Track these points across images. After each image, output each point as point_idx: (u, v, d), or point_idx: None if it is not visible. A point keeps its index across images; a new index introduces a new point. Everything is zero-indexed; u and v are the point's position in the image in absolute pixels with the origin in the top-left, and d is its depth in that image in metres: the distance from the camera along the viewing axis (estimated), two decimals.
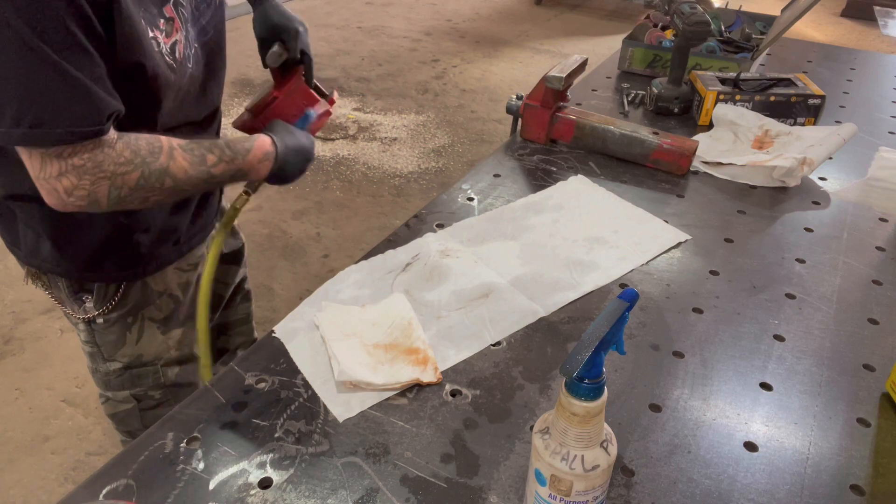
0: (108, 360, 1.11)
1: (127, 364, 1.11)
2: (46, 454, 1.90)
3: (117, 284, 1.05)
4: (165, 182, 0.86)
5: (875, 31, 5.56)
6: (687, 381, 0.85)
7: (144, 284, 1.07)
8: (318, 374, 0.84)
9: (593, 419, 0.57)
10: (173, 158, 0.86)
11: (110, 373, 1.12)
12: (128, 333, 1.09)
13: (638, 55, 1.78)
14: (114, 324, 1.07)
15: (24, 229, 1.00)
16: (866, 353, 0.91)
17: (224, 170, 0.92)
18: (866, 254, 1.11)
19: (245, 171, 0.96)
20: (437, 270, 1.02)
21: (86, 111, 0.76)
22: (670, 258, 1.08)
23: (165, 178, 0.85)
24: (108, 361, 1.11)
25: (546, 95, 1.34)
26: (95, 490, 0.69)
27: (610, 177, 1.30)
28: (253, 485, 0.70)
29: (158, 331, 1.12)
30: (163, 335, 1.12)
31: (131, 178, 0.82)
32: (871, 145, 1.42)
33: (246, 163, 0.95)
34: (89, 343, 1.10)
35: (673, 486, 0.72)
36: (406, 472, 0.72)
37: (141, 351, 1.11)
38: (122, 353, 1.11)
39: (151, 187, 0.85)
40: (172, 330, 1.13)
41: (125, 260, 1.03)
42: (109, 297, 1.05)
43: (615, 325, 0.55)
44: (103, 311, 1.05)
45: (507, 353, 0.89)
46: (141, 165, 0.83)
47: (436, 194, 1.35)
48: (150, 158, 0.84)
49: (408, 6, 5.89)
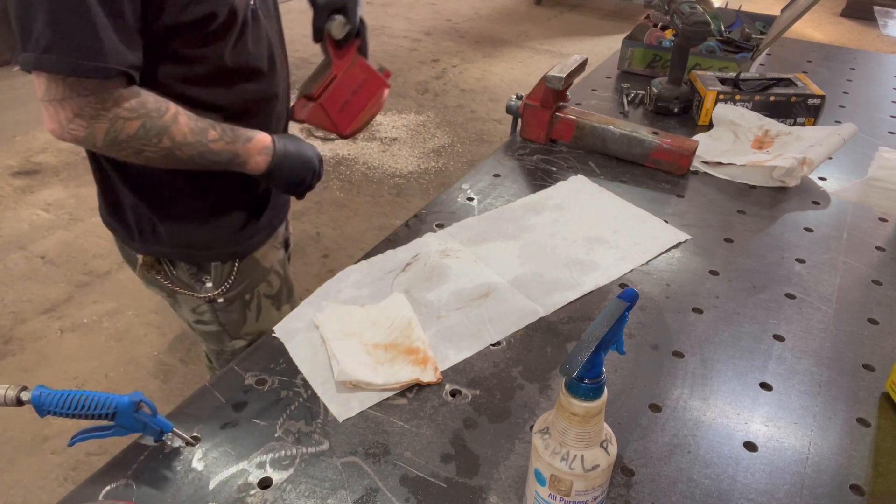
0: (234, 339, 1.19)
1: (251, 341, 1.15)
2: (46, 454, 1.90)
3: (232, 262, 1.12)
4: (163, 140, 0.88)
5: (875, 31, 5.56)
6: (687, 380, 0.85)
7: (255, 261, 1.14)
8: (318, 373, 0.84)
9: (593, 419, 0.57)
10: (177, 121, 0.89)
11: (236, 351, 1.19)
12: (247, 311, 1.17)
13: (638, 55, 1.78)
14: (233, 302, 1.15)
15: (137, 220, 1.05)
16: (866, 353, 0.91)
17: (222, 148, 0.94)
18: (866, 254, 1.11)
19: (243, 159, 0.97)
20: (437, 270, 1.02)
21: (97, 51, 0.78)
22: (670, 258, 1.08)
23: (164, 136, 0.88)
24: (235, 339, 1.20)
25: (546, 95, 1.34)
26: (95, 490, 0.69)
27: (610, 177, 1.30)
28: (253, 485, 0.70)
29: (273, 307, 1.20)
30: (277, 311, 1.20)
31: (132, 125, 0.85)
32: (870, 145, 1.42)
33: (245, 149, 0.96)
34: (214, 323, 1.17)
35: (673, 486, 0.72)
36: (406, 472, 0.72)
37: (262, 328, 1.18)
38: (246, 331, 1.18)
39: (149, 141, 0.87)
40: (283, 306, 1.21)
41: (234, 237, 1.09)
42: (226, 275, 1.12)
43: (615, 325, 0.55)
44: (223, 290, 1.12)
45: (507, 352, 0.89)
46: (144, 117, 0.86)
47: (435, 194, 1.35)
48: (155, 114, 0.87)
49: (408, 6, 5.89)
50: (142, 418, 0.70)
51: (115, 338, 2.34)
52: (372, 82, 1.10)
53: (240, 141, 0.96)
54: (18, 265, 2.66)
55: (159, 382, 2.18)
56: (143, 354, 2.28)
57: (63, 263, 2.67)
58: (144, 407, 0.70)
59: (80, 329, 2.36)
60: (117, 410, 0.68)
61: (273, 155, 1.00)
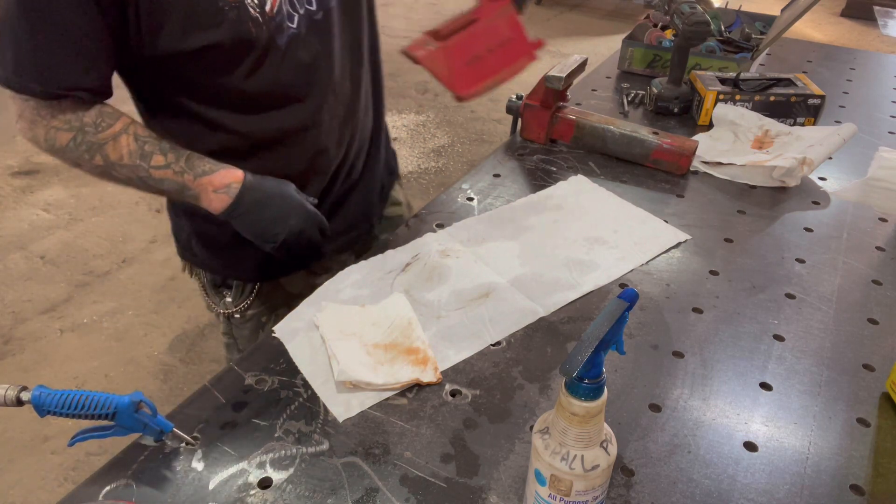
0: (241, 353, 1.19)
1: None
2: (46, 454, 1.90)
3: (253, 283, 1.11)
4: (95, 158, 0.87)
5: (875, 31, 5.56)
6: (687, 381, 0.85)
7: (279, 285, 1.13)
8: (318, 373, 0.84)
9: (593, 419, 0.57)
10: (116, 141, 0.87)
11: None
12: (261, 331, 1.15)
13: (638, 55, 1.78)
14: (249, 320, 1.15)
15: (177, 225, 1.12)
16: (866, 353, 0.91)
17: (166, 177, 0.89)
18: (866, 254, 1.11)
19: (194, 192, 0.90)
20: (437, 270, 1.02)
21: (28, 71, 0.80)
22: (670, 258, 1.08)
23: (97, 153, 0.87)
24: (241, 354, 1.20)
25: (546, 95, 1.34)
26: (95, 490, 0.69)
27: (610, 177, 1.30)
28: (253, 485, 0.70)
29: None
30: None
31: (63, 136, 0.86)
32: (870, 145, 1.42)
33: (198, 183, 0.90)
34: (227, 335, 1.19)
35: (673, 486, 0.72)
36: (406, 472, 0.72)
37: None
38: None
39: (80, 155, 0.87)
40: None
41: (262, 262, 1.07)
42: (246, 294, 1.12)
43: (615, 325, 0.55)
44: (240, 308, 1.13)
45: (507, 352, 0.89)
46: (76, 130, 0.85)
47: (435, 194, 1.35)
48: (90, 129, 0.86)
49: (408, 6, 5.89)
50: (142, 418, 0.70)
51: (115, 338, 2.34)
52: (516, 44, 0.89)
53: (192, 172, 0.89)
54: (18, 265, 2.66)
55: (159, 382, 2.18)
56: (143, 354, 2.28)
57: (63, 263, 2.67)
58: (144, 407, 0.70)
59: (80, 329, 2.36)
60: (117, 410, 0.68)
61: (236, 197, 0.90)
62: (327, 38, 0.96)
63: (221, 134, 0.94)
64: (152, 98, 0.95)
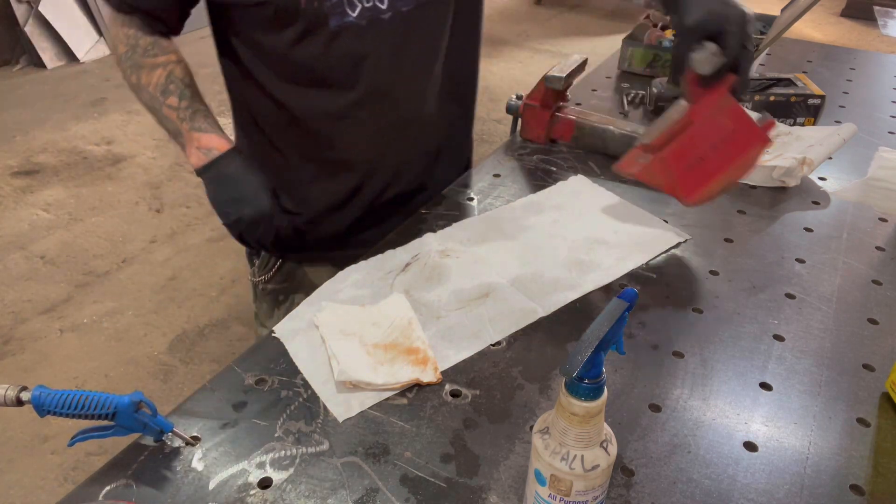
0: (262, 326, 1.27)
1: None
2: (46, 454, 1.90)
3: (276, 259, 1.18)
4: (133, 76, 0.99)
5: (875, 31, 5.56)
6: (687, 381, 0.85)
7: (300, 269, 1.18)
8: (318, 373, 0.84)
9: (593, 419, 0.57)
10: (153, 70, 0.97)
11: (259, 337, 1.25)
12: (276, 309, 1.21)
13: (638, 55, 1.78)
14: (268, 294, 1.22)
15: None
16: (866, 353, 0.91)
17: (170, 117, 0.97)
18: (866, 254, 1.11)
19: (183, 141, 0.98)
20: (437, 270, 1.02)
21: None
22: (670, 258, 1.08)
23: (135, 73, 0.99)
24: (262, 327, 1.29)
25: (546, 95, 1.34)
26: (95, 490, 0.69)
27: (610, 177, 1.30)
28: (253, 485, 0.70)
29: None
30: None
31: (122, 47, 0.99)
32: (871, 145, 1.42)
33: (189, 136, 0.97)
34: (255, 303, 1.27)
35: (673, 486, 0.72)
36: (406, 472, 0.72)
37: None
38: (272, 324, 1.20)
39: (126, 68, 1.00)
40: None
41: (288, 240, 1.09)
42: (269, 268, 1.19)
43: (615, 325, 0.55)
44: (262, 280, 1.19)
45: (507, 352, 0.89)
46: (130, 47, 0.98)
47: None
48: (140, 50, 0.98)
49: None
50: (142, 418, 0.70)
51: (115, 338, 2.34)
52: (743, 135, 0.80)
53: (190, 124, 0.96)
54: (18, 265, 2.66)
55: (159, 382, 2.18)
56: (143, 354, 2.28)
57: (63, 263, 2.67)
58: (144, 407, 0.70)
59: (79, 329, 2.36)
60: (117, 410, 0.68)
61: (209, 162, 0.95)
62: (389, 40, 0.98)
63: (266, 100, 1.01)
64: (220, 40, 1.06)
